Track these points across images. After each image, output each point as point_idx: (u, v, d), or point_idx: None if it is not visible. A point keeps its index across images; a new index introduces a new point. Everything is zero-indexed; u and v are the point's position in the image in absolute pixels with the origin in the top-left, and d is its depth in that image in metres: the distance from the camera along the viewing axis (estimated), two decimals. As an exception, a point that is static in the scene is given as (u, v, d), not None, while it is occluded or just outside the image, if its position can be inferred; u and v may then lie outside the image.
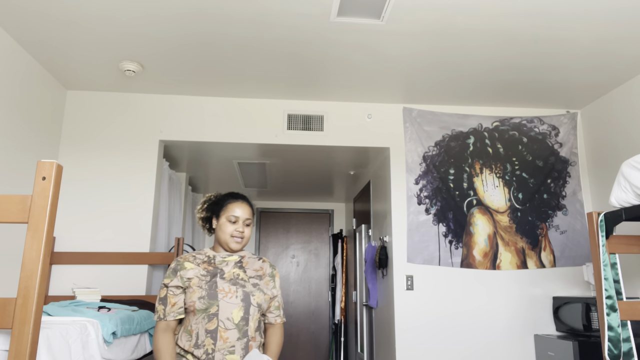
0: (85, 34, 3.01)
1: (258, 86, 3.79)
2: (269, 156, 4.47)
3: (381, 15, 2.78)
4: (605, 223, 2.27)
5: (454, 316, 3.76)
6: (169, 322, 1.86)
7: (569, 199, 4.04)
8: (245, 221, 1.99)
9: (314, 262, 6.74)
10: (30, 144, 3.38)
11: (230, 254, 2.00)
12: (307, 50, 3.21)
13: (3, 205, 1.34)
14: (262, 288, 1.94)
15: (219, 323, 1.81)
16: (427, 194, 3.95)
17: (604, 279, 2.22)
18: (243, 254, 2.04)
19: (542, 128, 4.15)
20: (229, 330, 1.81)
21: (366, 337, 4.86)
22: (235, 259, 1.99)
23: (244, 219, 1.98)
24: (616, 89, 3.75)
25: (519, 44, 3.11)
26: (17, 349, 1.26)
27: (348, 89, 3.85)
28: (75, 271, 3.60)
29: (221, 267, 1.93)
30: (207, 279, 1.87)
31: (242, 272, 1.95)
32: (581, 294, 3.89)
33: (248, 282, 1.92)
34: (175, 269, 1.90)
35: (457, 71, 3.51)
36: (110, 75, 3.61)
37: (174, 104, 3.97)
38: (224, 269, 1.93)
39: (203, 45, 3.15)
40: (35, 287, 1.29)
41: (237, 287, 1.88)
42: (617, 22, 2.85)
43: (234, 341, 1.80)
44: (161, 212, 4.09)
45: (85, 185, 3.74)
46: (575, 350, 3.21)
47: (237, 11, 2.76)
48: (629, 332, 2.20)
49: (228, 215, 1.97)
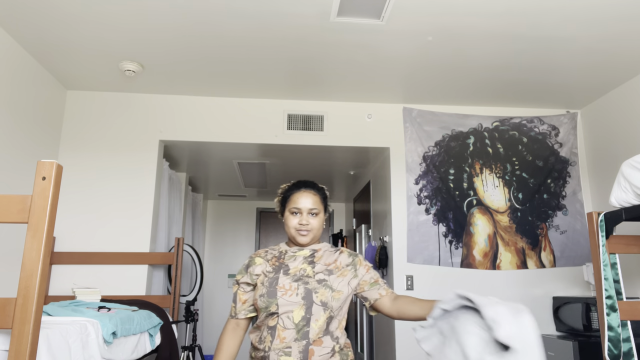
0: (85, 34, 3.01)
1: (258, 86, 3.79)
2: (269, 156, 4.47)
3: (381, 15, 2.78)
4: (605, 223, 2.27)
5: (454, 316, 3.76)
6: (239, 321, 1.78)
7: (569, 199, 4.04)
8: (311, 211, 1.80)
9: (314, 262, 6.73)
10: (30, 144, 3.38)
11: (301, 248, 1.82)
12: (307, 50, 3.21)
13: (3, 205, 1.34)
14: (332, 284, 1.72)
15: (278, 320, 1.67)
16: (427, 194, 3.95)
17: (604, 279, 2.21)
18: (317, 247, 1.84)
19: (542, 128, 4.15)
20: (287, 330, 1.65)
21: (366, 337, 4.86)
22: (306, 253, 1.81)
23: (308, 209, 1.79)
24: (616, 89, 3.75)
25: (519, 44, 3.11)
26: (17, 349, 1.26)
27: (348, 89, 3.85)
28: (75, 271, 3.60)
29: (287, 263, 1.77)
30: (272, 275, 1.74)
31: (309, 268, 1.76)
32: (581, 294, 3.88)
33: (313, 279, 1.73)
34: (247, 265, 1.80)
35: (457, 71, 3.51)
36: (110, 75, 3.61)
37: (174, 104, 3.97)
38: (290, 264, 1.77)
39: (203, 45, 3.15)
40: (35, 287, 1.29)
41: (298, 284, 1.70)
42: (617, 22, 2.85)
43: (290, 342, 1.64)
44: (161, 212, 4.09)
45: (85, 185, 3.74)
46: (575, 350, 3.21)
47: (237, 11, 2.76)
48: (629, 332, 2.20)
49: (290, 207, 1.81)
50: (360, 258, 1.87)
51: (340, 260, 1.82)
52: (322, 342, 1.65)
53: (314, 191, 1.84)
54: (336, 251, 1.86)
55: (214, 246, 6.70)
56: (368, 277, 1.81)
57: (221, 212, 6.82)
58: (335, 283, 1.72)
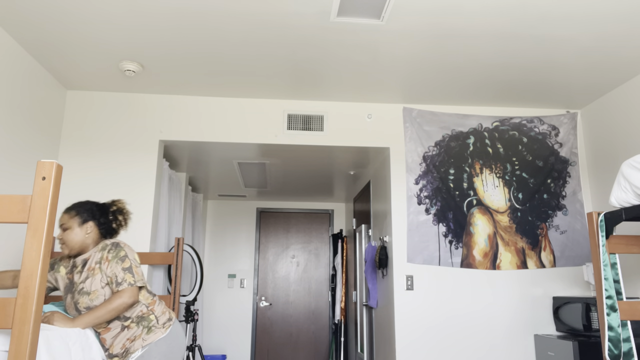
0: (85, 34, 3.01)
1: (258, 86, 3.79)
2: (269, 156, 4.47)
3: (381, 15, 2.78)
4: (605, 223, 2.27)
5: (454, 316, 3.76)
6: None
7: (569, 199, 4.04)
8: (61, 226, 2.24)
9: (314, 262, 6.74)
10: (30, 144, 3.38)
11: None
12: (307, 50, 3.21)
13: (3, 205, 1.34)
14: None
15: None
16: (427, 194, 3.95)
17: (604, 279, 2.21)
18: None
19: (542, 128, 4.15)
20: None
21: (366, 337, 4.86)
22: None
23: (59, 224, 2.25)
24: (616, 89, 3.75)
25: (519, 44, 3.11)
26: (17, 349, 1.26)
27: (348, 89, 3.85)
28: (75, 271, 3.60)
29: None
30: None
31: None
32: (581, 294, 3.89)
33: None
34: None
35: (457, 71, 3.51)
36: (110, 75, 3.61)
37: (174, 104, 3.97)
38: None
39: (203, 45, 3.15)
40: (35, 287, 1.29)
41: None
42: (617, 22, 2.85)
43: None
44: (161, 212, 4.09)
45: (85, 185, 3.74)
46: (575, 350, 3.21)
47: (237, 11, 2.76)
48: (629, 332, 2.20)
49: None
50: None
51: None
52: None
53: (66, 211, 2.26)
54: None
55: (214, 246, 6.70)
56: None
57: (221, 212, 6.82)
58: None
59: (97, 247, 2.25)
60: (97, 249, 2.24)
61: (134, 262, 2.19)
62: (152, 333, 2.18)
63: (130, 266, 2.17)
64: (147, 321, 2.19)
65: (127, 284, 2.12)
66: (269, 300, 6.56)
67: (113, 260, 2.16)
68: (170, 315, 2.30)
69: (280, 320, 6.51)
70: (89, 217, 2.26)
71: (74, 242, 2.21)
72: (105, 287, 2.15)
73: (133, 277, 2.14)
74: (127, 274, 2.14)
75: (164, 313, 2.28)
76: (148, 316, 2.20)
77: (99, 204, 2.35)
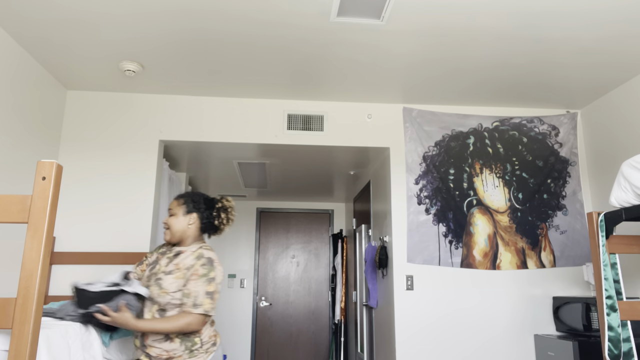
0: (85, 34, 3.01)
1: (258, 86, 3.80)
2: (269, 156, 4.47)
3: (381, 15, 2.78)
4: (605, 223, 2.27)
5: (454, 316, 3.76)
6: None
7: (569, 199, 4.04)
8: (168, 212, 2.28)
9: (314, 262, 6.74)
10: (30, 144, 3.38)
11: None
12: (307, 50, 3.21)
13: (3, 205, 1.34)
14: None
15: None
16: (427, 194, 3.95)
17: (604, 279, 2.22)
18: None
19: (542, 128, 4.15)
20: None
21: (366, 337, 4.86)
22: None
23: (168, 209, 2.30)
24: (616, 89, 3.75)
25: (519, 44, 3.11)
26: (17, 349, 1.26)
27: (348, 89, 3.85)
28: (75, 271, 3.60)
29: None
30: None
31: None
32: (581, 294, 3.89)
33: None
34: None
35: (457, 71, 3.51)
36: (110, 75, 3.61)
37: (174, 104, 3.97)
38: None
39: (203, 45, 3.15)
40: (35, 287, 1.29)
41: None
42: (617, 22, 2.85)
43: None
44: (161, 212, 4.09)
45: (85, 185, 3.74)
46: (575, 350, 3.21)
47: (237, 11, 2.76)
48: (629, 332, 2.20)
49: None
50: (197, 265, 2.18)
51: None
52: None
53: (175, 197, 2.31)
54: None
55: (214, 246, 6.70)
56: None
57: (221, 212, 6.81)
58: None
59: (194, 250, 2.19)
60: (193, 251, 2.19)
61: (217, 287, 2.12)
62: (195, 357, 2.10)
63: (213, 292, 2.09)
64: (191, 342, 2.10)
65: (202, 310, 2.05)
66: (269, 300, 6.56)
67: (202, 278, 2.09)
68: (215, 341, 2.21)
69: (280, 320, 6.51)
70: (194, 209, 2.24)
71: (176, 229, 2.22)
72: (177, 292, 2.09)
73: (211, 305, 2.08)
74: (207, 300, 2.06)
75: (211, 338, 2.18)
76: (193, 338, 2.11)
77: (209, 198, 2.32)
